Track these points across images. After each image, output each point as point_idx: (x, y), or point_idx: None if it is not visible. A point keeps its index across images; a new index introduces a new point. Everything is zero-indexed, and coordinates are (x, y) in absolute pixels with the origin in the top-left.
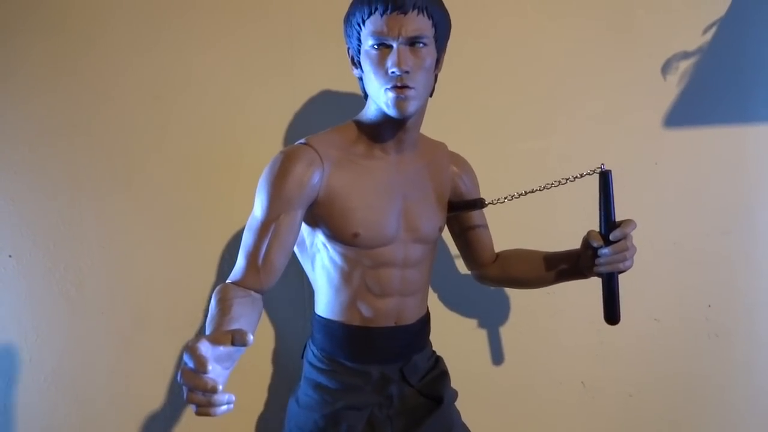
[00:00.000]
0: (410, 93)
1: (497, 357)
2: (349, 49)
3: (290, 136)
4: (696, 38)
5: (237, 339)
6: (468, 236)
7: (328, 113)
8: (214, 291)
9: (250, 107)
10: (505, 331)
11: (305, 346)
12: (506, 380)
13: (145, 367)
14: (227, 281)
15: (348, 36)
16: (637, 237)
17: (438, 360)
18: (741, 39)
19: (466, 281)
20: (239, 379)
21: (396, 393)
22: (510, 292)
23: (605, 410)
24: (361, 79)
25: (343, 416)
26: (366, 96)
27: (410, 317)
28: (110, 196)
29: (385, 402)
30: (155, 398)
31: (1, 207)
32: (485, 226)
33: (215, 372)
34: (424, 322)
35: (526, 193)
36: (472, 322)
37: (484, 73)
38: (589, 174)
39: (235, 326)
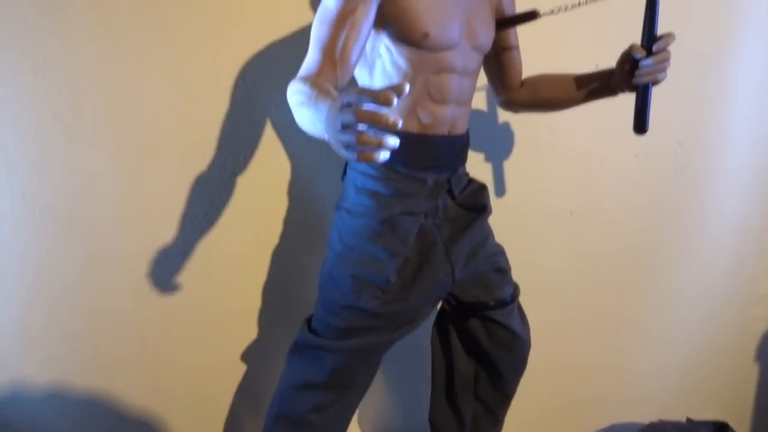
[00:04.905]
0: None
1: (500, 189)
2: None
3: None
4: None
5: (398, 90)
6: (503, 57)
7: None
8: (294, 86)
9: None
10: (509, 166)
11: (345, 166)
12: (508, 211)
13: (153, 200)
14: (299, 77)
15: None
16: None
17: (471, 177)
18: None
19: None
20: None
21: (441, 204)
22: (514, 127)
23: (589, 236)
24: None
25: (399, 221)
26: None
27: (461, 127)
28: (112, 6)
29: (432, 211)
30: (166, 231)
31: None
32: (518, 48)
33: None
34: (468, 134)
35: (580, 4)
36: (480, 156)
37: None
38: None
39: None
